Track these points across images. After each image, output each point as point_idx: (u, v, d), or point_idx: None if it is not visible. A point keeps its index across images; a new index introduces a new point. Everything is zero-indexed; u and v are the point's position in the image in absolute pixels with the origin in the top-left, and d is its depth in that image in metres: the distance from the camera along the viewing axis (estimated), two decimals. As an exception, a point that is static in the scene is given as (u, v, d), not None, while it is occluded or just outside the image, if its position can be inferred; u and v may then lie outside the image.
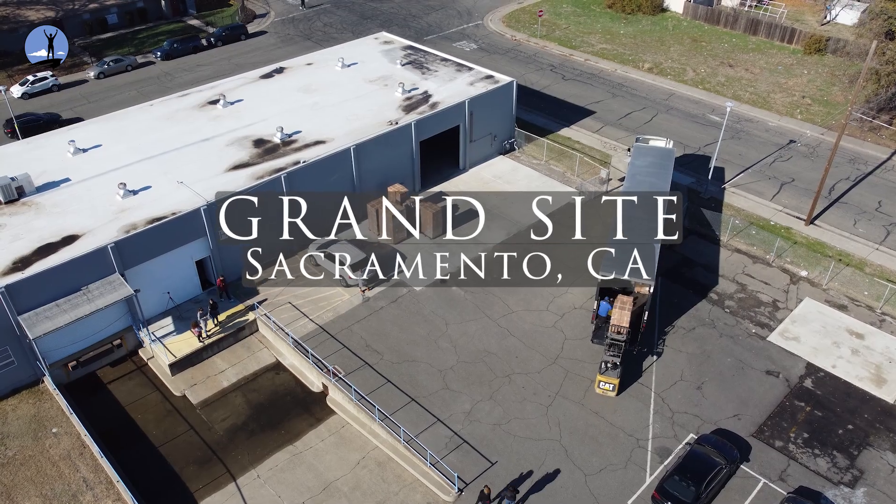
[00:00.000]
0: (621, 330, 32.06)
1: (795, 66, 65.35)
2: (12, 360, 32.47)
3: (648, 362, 34.16)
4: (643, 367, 33.85)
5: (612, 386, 31.58)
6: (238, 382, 34.30)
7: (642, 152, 43.81)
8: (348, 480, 29.43)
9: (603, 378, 31.66)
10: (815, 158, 50.70)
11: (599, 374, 31.72)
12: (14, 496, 28.62)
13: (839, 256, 40.87)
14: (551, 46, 70.22)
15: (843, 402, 32.20)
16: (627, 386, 32.69)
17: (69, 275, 32.29)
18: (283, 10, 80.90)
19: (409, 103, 46.00)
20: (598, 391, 32.04)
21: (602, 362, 31.92)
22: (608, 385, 31.68)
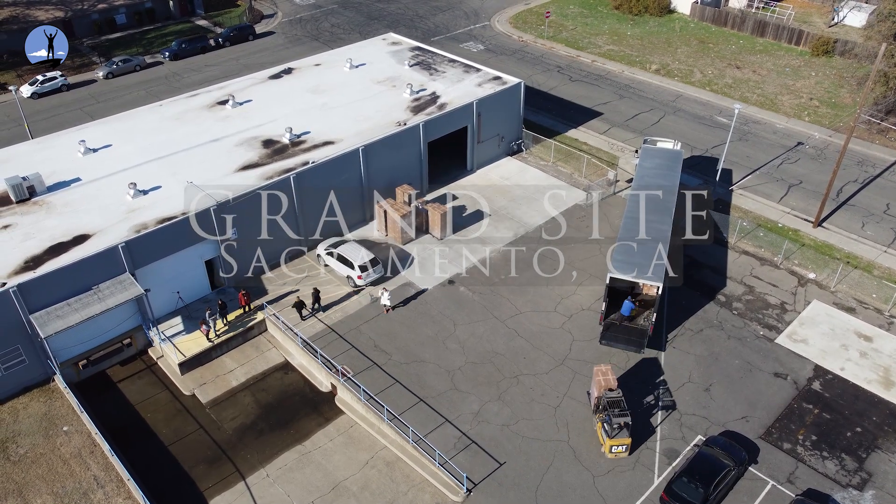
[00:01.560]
0: (612, 388, 30.20)
1: (803, 67, 65.27)
2: (24, 359, 32.69)
3: (653, 371, 34.17)
4: (646, 378, 33.85)
5: (626, 447, 29.30)
6: (247, 382, 34.45)
7: (650, 154, 43.86)
8: (357, 480, 29.54)
9: (614, 442, 29.13)
10: (822, 161, 50.64)
11: (609, 439, 29.13)
12: (26, 494, 28.82)
13: (847, 259, 40.83)
14: (558, 48, 70.26)
15: (851, 405, 32.19)
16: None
17: (80, 274, 32.50)
18: (291, 11, 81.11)
19: (417, 104, 46.11)
20: (611, 456, 29.48)
21: (604, 425, 29.37)
22: (621, 447, 29.27)
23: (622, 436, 29.22)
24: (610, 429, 29.16)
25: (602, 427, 29.67)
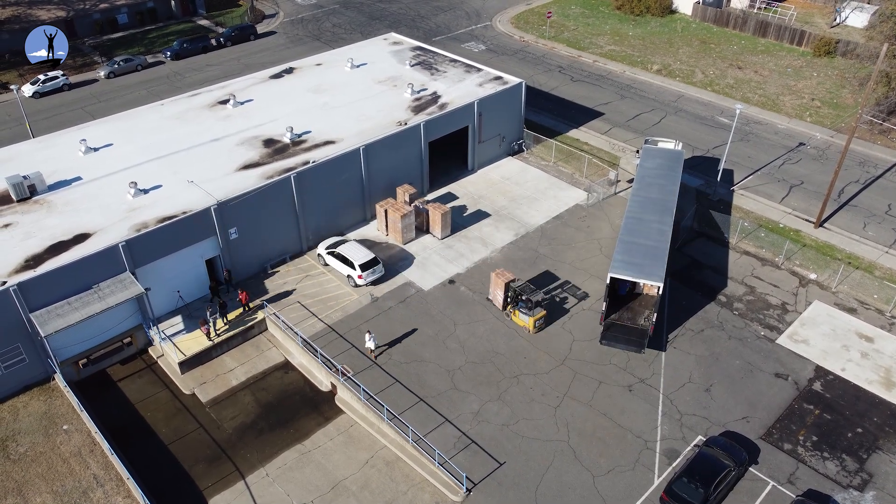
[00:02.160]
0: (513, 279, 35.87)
1: (805, 68, 65.19)
2: (24, 358, 32.70)
3: (653, 372, 34.13)
4: (646, 377, 33.81)
5: (543, 318, 35.31)
6: (247, 381, 34.44)
7: (651, 154, 43.81)
8: (357, 479, 29.52)
9: (536, 317, 35.05)
10: (824, 161, 50.57)
11: (531, 318, 34.99)
12: (25, 492, 28.82)
13: (849, 259, 40.76)
14: (560, 48, 70.23)
15: (852, 406, 32.12)
16: (632, 396, 32.36)
17: (80, 273, 32.51)
18: (293, 11, 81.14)
19: (419, 104, 46.10)
20: (535, 332, 35.39)
21: (521, 309, 35.21)
22: (541, 320, 35.29)
23: (538, 311, 35.11)
24: (528, 309, 34.85)
25: (519, 313, 35.40)
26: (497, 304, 36.82)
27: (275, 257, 40.09)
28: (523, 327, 35.58)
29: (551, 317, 36.32)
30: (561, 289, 38.54)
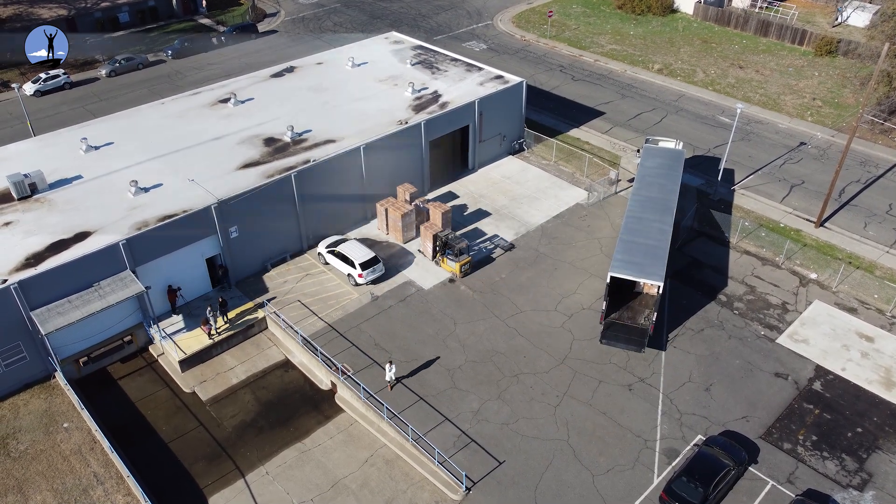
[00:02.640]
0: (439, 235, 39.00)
1: (806, 67, 65.13)
2: (24, 356, 32.75)
3: (653, 371, 34.14)
4: (646, 377, 33.82)
5: (469, 264, 38.74)
6: (247, 379, 34.47)
7: (652, 154, 43.80)
8: (356, 478, 29.55)
9: (462, 262, 38.34)
10: (825, 161, 50.53)
11: (458, 263, 38.30)
12: (25, 490, 28.88)
13: (849, 259, 40.74)
14: (561, 47, 70.20)
15: (852, 405, 32.11)
16: (631, 395, 32.25)
17: (81, 271, 32.55)
18: (294, 10, 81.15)
19: (419, 103, 46.10)
20: (462, 276, 38.73)
21: (449, 257, 38.69)
22: (467, 265, 38.65)
23: (464, 258, 38.57)
24: (455, 256, 38.31)
25: (447, 260, 38.80)
26: (427, 254, 40.19)
27: (275, 256, 40.12)
28: (451, 273, 39.07)
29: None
30: (490, 241, 41.96)
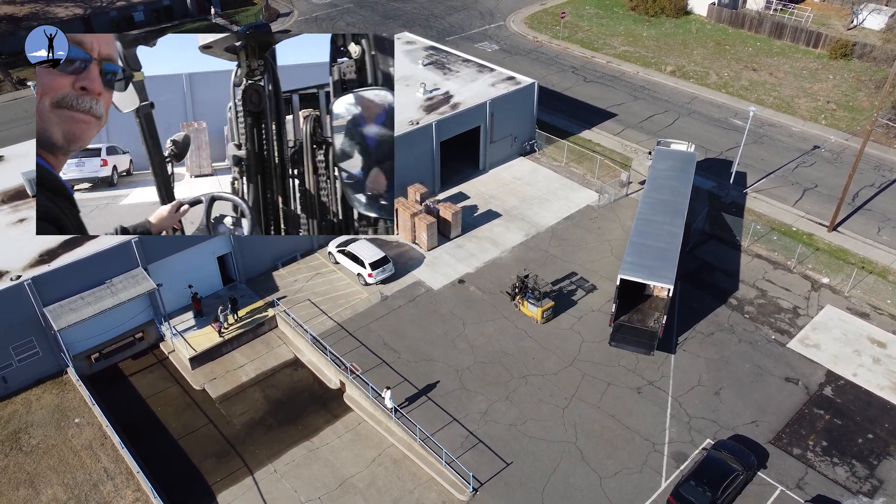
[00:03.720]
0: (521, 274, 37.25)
1: (821, 70, 64.67)
2: (37, 351, 33.08)
3: (662, 374, 34.03)
4: (655, 380, 33.72)
5: (552, 308, 36.04)
6: (257, 378, 34.66)
7: (663, 156, 43.65)
8: (364, 477, 29.65)
9: (544, 308, 35.75)
10: (838, 164, 50.17)
11: (540, 308, 35.71)
12: (37, 484, 29.17)
13: (862, 264, 40.42)
14: (573, 48, 70.08)
15: (863, 411, 31.87)
16: (640, 398, 32.20)
17: (94, 268, 32.86)
18: (307, 10, 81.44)
19: (431, 103, 46.18)
20: (543, 322, 36.05)
21: (529, 301, 35.98)
22: (549, 310, 35.99)
23: (546, 302, 35.92)
24: (537, 300, 35.80)
25: (528, 304, 36.16)
26: (423, 246, 39.98)
27: (286, 255, 40.31)
28: (531, 318, 36.32)
29: (559, 308, 37.19)
30: (569, 280, 38.82)
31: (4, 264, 32.09)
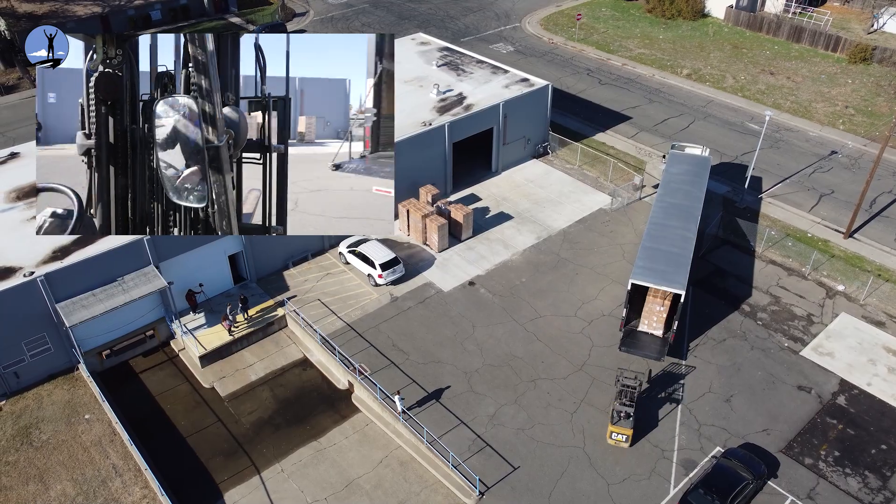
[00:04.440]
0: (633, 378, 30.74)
1: (839, 75, 63.91)
2: (49, 347, 33.35)
3: (673, 381, 33.74)
4: (666, 386, 33.43)
5: (626, 437, 29.66)
6: (266, 377, 34.74)
7: (677, 160, 43.29)
8: (370, 478, 29.61)
9: (615, 429, 29.64)
10: (856, 170, 49.54)
11: (611, 425, 29.72)
12: (46, 479, 29.39)
13: (878, 271, 39.87)
14: (589, 50, 69.75)
15: (877, 422, 31.41)
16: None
17: (106, 265, 33.08)
18: (323, 10, 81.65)
19: (444, 105, 46.09)
20: (611, 442, 30.01)
21: (613, 412, 29.89)
22: (621, 436, 29.73)
23: (624, 425, 29.49)
24: (615, 415, 29.69)
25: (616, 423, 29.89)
26: (434, 248, 36.57)
27: (297, 254, 40.39)
28: (622, 438, 30.10)
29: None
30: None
31: (18, 260, 32.38)
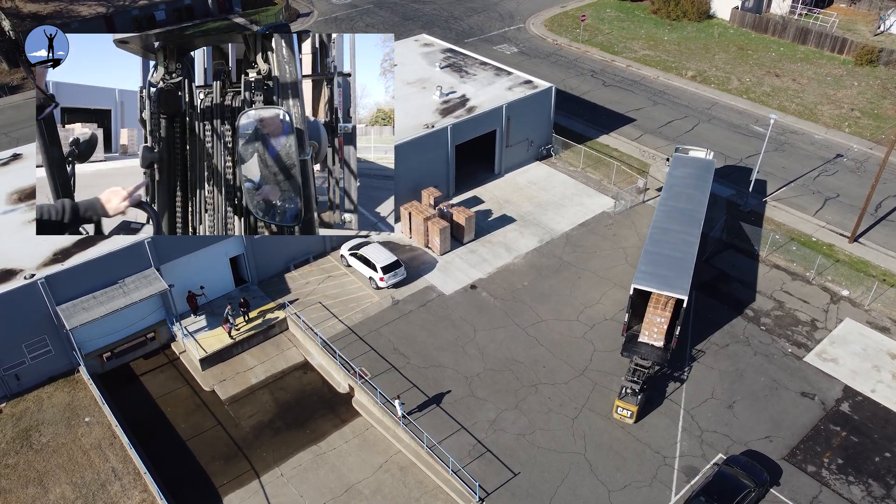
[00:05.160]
0: (648, 358, 32.04)
1: (845, 77, 63.52)
2: (49, 349, 33.32)
3: (675, 386, 33.51)
4: (667, 391, 33.20)
5: (631, 413, 30.65)
6: (266, 380, 34.65)
7: (681, 163, 43.02)
8: (370, 483, 29.49)
9: (621, 403, 30.75)
10: (861, 173, 49.18)
11: (618, 400, 30.86)
12: (45, 482, 29.35)
13: (883, 276, 39.55)
14: (593, 51, 69.48)
15: (881, 429, 31.13)
16: (651, 410, 31.73)
17: (107, 268, 33.05)
18: (327, 10, 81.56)
19: (447, 107, 45.93)
20: (616, 416, 31.14)
21: (622, 387, 31.05)
22: (626, 412, 30.74)
23: (630, 401, 30.64)
24: (622, 390, 30.96)
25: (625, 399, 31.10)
26: (436, 251, 38.26)
27: (298, 257, 40.29)
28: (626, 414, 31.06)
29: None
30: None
31: (19, 262, 32.37)
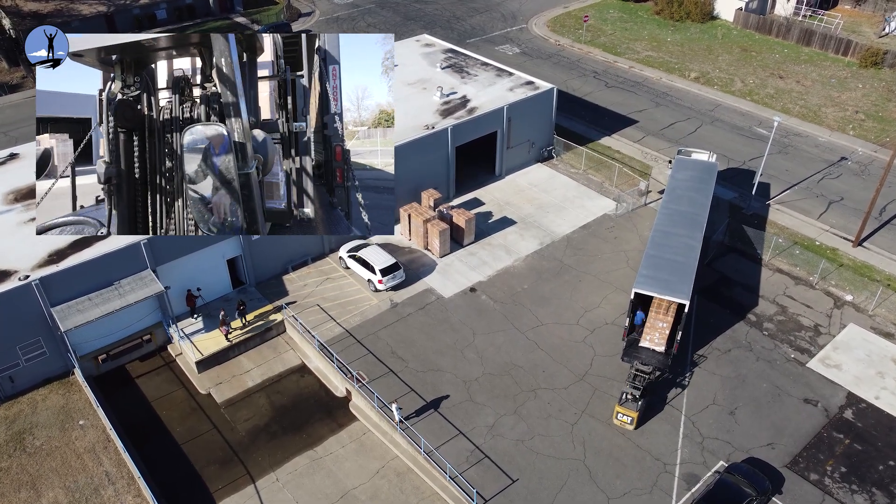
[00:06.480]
0: (649, 362, 31.74)
1: (850, 79, 63.03)
2: (44, 351, 33.00)
3: (676, 392, 33.11)
4: (668, 397, 32.79)
5: (631, 419, 30.28)
6: (263, 383, 34.31)
7: (684, 165, 42.63)
8: (366, 489, 29.13)
9: (621, 409, 30.37)
10: (866, 177, 48.72)
11: (618, 405, 30.44)
12: (38, 486, 29.03)
13: (888, 281, 39.11)
14: (595, 52, 69.06)
15: (885, 436, 30.71)
16: (652, 416, 31.37)
17: (102, 269, 32.70)
18: (328, 10, 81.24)
19: (447, 107, 45.56)
20: (616, 422, 30.77)
21: (622, 392, 30.69)
22: (626, 418, 30.38)
23: (630, 407, 30.16)
24: (622, 396, 30.55)
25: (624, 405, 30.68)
26: (435, 253, 36.44)
27: (296, 258, 39.95)
28: (627, 421, 30.68)
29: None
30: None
31: (13, 264, 32.06)
